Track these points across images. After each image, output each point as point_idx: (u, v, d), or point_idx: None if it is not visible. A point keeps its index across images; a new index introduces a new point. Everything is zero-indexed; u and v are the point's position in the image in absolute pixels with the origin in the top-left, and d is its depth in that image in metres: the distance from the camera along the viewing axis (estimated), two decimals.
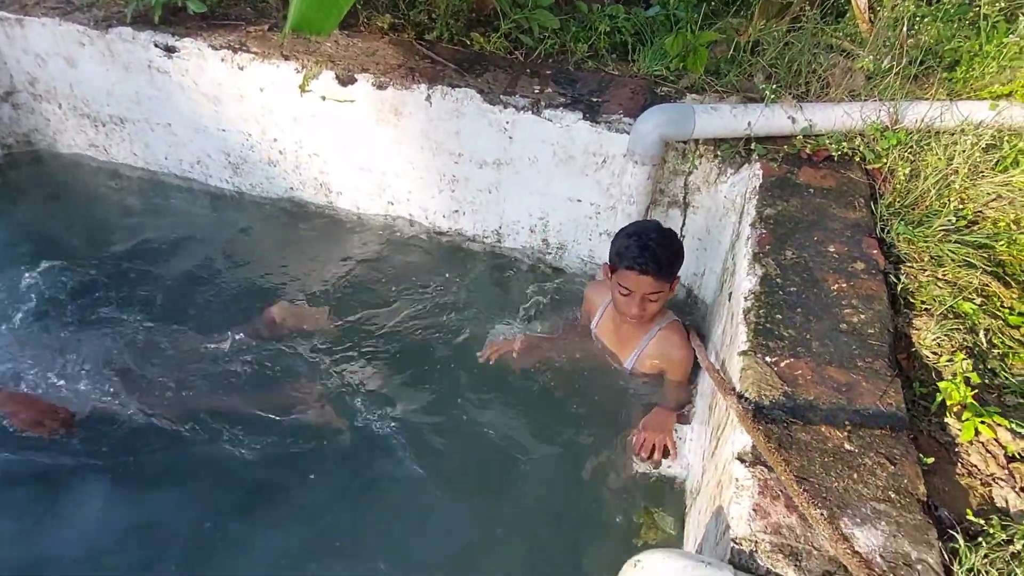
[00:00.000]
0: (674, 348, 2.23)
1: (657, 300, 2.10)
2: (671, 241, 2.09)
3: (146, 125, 3.06)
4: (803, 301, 1.74)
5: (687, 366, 2.25)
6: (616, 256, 2.09)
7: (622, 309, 2.13)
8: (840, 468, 1.35)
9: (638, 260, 2.01)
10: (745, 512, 1.28)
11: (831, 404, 1.48)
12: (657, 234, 2.08)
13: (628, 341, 2.30)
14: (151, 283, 2.82)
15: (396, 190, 2.89)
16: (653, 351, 2.27)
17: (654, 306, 2.11)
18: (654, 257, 2.01)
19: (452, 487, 2.19)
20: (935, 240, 1.99)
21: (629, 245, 2.05)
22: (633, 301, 2.08)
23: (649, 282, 2.03)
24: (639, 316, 2.11)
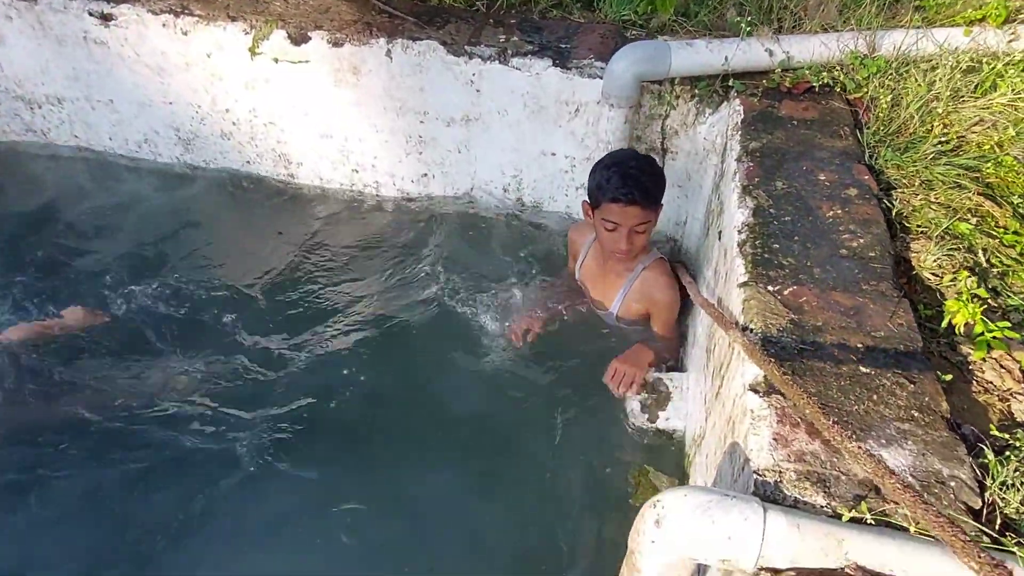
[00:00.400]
0: (659, 289, 2.15)
1: (645, 231, 2.01)
2: (652, 166, 2.01)
3: (86, 104, 2.85)
4: (799, 229, 1.66)
5: (673, 308, 2.17)
6: (596, 190, 2.00)
7: (609, 246, 2.04)
8: (858, 391, 1.28)
9: (622, 191, 1.91)
10: (765, 442, 1.20)
11: (840, 328, 1.41)
12: (636, 161, 1.99)
13: (613, 283, 2.21)
14: (101, 271, 2.65)
15: (360, 157, 2.74)
16: (638, 292, 2.18)
17: (642, 238, 2.03)
18: (638, 185, 1.92)
19: (437, 455, 2.09)
20: (923, 164, 1.94)
21: (609, 177, 1.95)
22: (620, 236, 1.99)
23: (636, 212, 1.94)
24: (628, 251, 2.02)
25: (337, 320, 2.51)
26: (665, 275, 2.16)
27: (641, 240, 2.05)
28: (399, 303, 2.56)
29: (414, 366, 2.37)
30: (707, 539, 1.06)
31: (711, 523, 1.06)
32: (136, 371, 2.32)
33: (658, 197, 2.01)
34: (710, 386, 1.74)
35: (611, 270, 2.22)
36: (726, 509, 1.07)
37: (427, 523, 1.92)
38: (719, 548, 1.06)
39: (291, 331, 2.43)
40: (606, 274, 2.24)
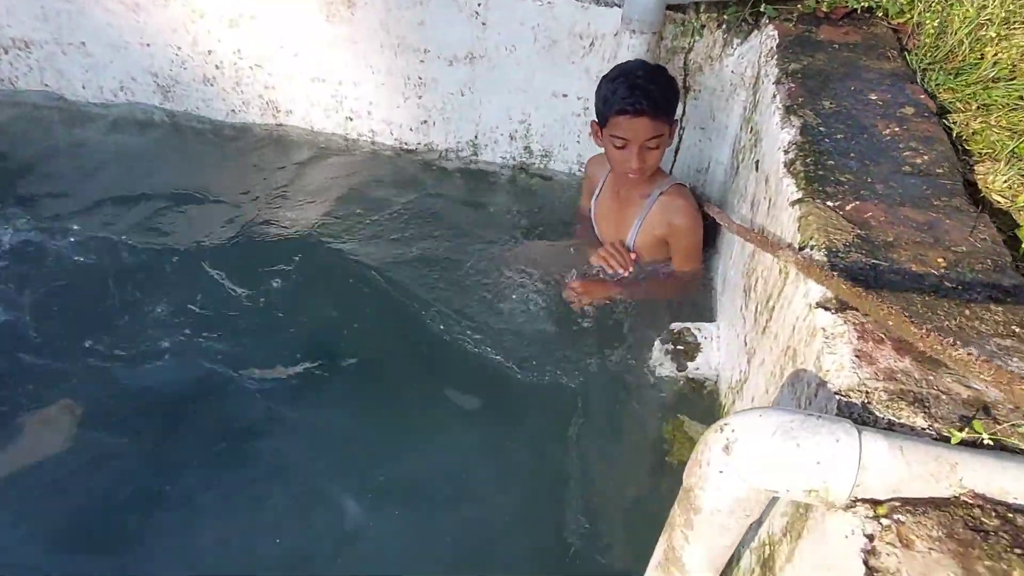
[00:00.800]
0: (677, 213, 1.95)
1: (657, 147, 1.83)
2: (661, 74, 1.84)
3: (57, 47, 2.63)
4: (854, 147, 1.48)
5: (694, 233, 1.98)
6: (602, 105, 1.83)
7: (620, 166, 1.86)
8: (947, 307, 1.10)
9: (628, 101, 1.74)
10: (846, 360, 1.01)
11: (915, 243, 1.23)
12: (644, 70, 1.82)
13: (628, 214, 2.02)
14: (75, 226, 2.43)
15: (355, 102, 2.54)
16: (655, 219, 1.98)
17: (655, 155, 1.84)
18: (646, 94, 1.75)
19: (448, 416, 1.89)
20: (980, 88, 1.77)
21: (615, 88, 1.78)
22: (631, 153, 1.81)
23: (645, 124, 1.76)
24: (640, 170, 1.84)
25: (332, 278, 2.30)
26: (683, 198, 1.96)
27: (654, 157, 1.87)
28: (398, 259, 2.35)
29: (416, 325, 2.17)
30: (790, 465, 0.87)
31: (795, 446, 0.87)
32: (120, 322, 2.12)
33: (669, 109, 1.83)
34: (752, 325, 1.55)
35: (627, 200, 2.03)
36: (812, 430, 0.88)
37: (440, 489, 1.72)
38: (805, 476, 0.87)
39: (284, 287, 2.23)
40: (622, 206, 2.06)
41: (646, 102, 1.76)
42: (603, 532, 1.62)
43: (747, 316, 1.62)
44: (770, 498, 0.94)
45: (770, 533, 1.18)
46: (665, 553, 1.14)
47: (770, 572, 1.14)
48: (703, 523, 1.00)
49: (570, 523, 1.65)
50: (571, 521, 1.65)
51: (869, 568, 0.81)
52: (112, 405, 1.92)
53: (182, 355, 2.05)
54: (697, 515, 1.00)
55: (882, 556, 0.81)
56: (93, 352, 2.06)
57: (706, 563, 1.08)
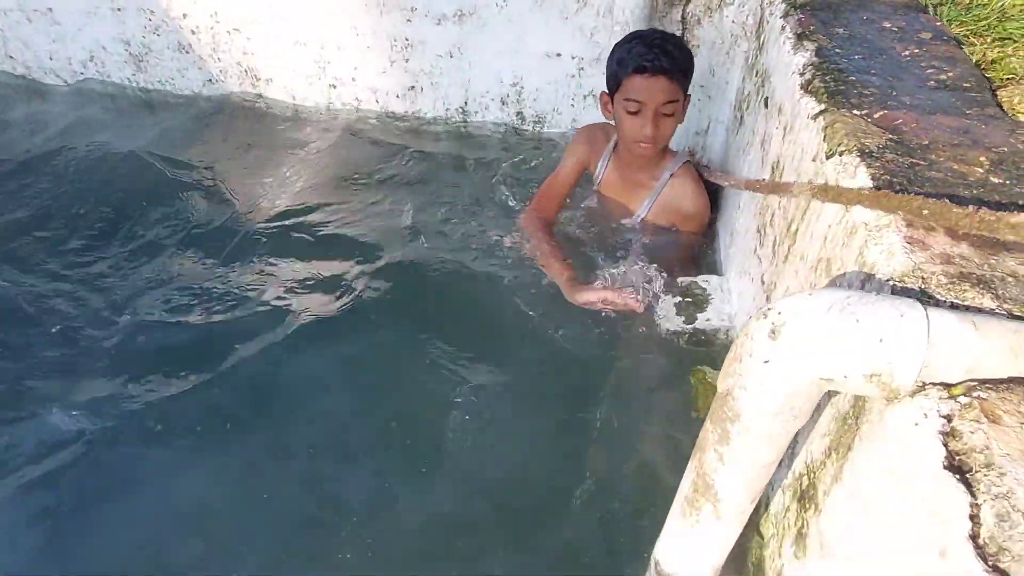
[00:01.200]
0: (687, 198, 1.88)
1: (672, 115, 1.73)
2: (678, 39, 1.77)
3: (22, 16, 2.51)
4: (874, 66, 1.39)
5: (704, 217, 1.92)
6: (617, 67, 1.73)
7: (632, 134, 1.76)
8: (998, 198, 0.99)
9: (647, 57, 1.65)
10: (896, 247, 0.90)
11: (954, 145, 1.13)
12: (662, 34, 1.75)
13: (637, 193, 1.93)
14: (48, 212, 2.28)
15: (338, 68, 2.43)
16: (666, 201, 1.90)
17: (669, 124, 1.75)
18: (665, 52, 1.66)
19: (453, 392, 1.74)
20: (994, 20, 1.70)
21: (631, 48, 1.70)
22: (645, 118, 1.71)
23: (663, 85, 1.67)
24: (653, 139, 1.74)
25: (318, 255, 2.17)
26: (694, 182, 1.89)
27: (668, 126, 1.77)
28: (387, 236, 2.22)
29: (412, 300, 2.02)
30: (849, 345, 0.76)
31: (854, 322, 0.76)
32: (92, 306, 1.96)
33: (687, 72, 1.74)
34: (771, 260, 1.45)
35: (634, 181, 1.94)
36: (872, 305, 0.77)
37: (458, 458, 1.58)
38: (866, 357, 0.75)
39: (267, 267, 2.08)
40: (630, 187, 1.96)
41: (665, 59, 1.67)
42: (620, 497, 1.49)
43: (763, 255, 1.52)
44: (822, 392, 0.82)
45: (808, 462, 1.06)
46: (694, 483, 1.02)
47: (812, 503, 1.02)
48: (743, 433, 0.88)
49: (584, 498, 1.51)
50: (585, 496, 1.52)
51: (950, 452, 0.69)
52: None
53: (165, 332, 1.91)
54: (735, 424, 0.88)
55: (965, 436, 0.69)
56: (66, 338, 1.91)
57: (743, 488, 0.95)
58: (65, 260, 2.14)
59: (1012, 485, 0.64)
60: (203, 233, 2.21)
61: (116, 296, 2.00)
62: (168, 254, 2.18)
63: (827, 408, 1.01)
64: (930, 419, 0.73)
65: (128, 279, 2.10)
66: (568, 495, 1.47)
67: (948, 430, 0.71)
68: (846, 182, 1.07)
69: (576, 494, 1.48)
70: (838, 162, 1.13)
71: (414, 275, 2.06)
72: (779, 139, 1.49)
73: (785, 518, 1.13)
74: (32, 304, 2.01)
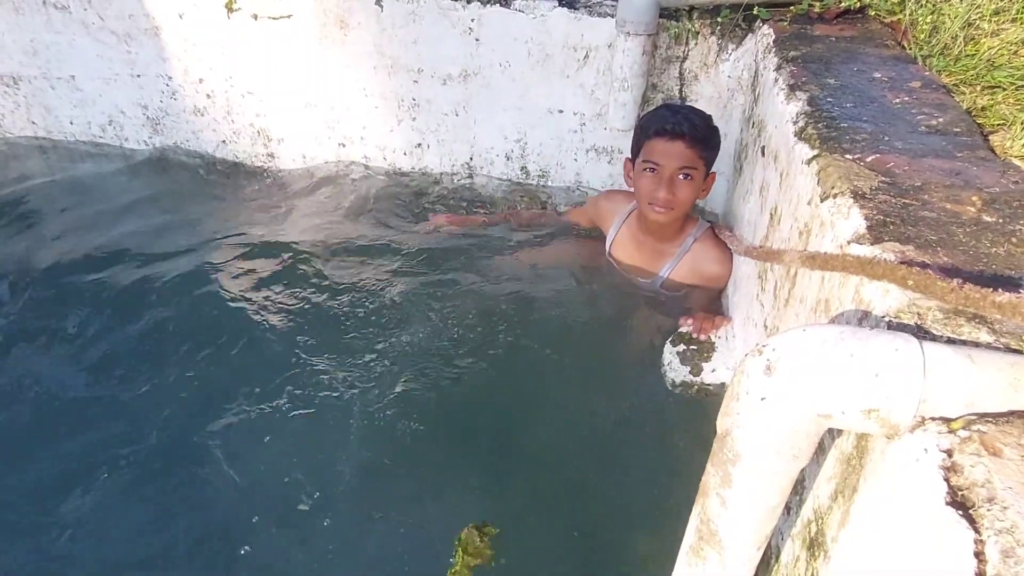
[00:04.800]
0: (712, 261, 1.89)
1: (691, 180, 1.76)
2: (705, 114, 1.81)
3: (45, 82, 2.62)
4: (865, 114, 1.42)
5: (724, 280, 1.91)
6: (640, 132, 1.80)
7: (648, 196, 1.78)
8: (991, 236, 1.00)
9: (669, 121, 1.71)
10: (893, 283, 0.90)
11: (946, 186, 1.14)
12: (688, 106, 1.82)
13: (657, 259, 1.94)
14: (69, 271, 2.33)
15: (348, 127, 2.51)
16: (690, 265, 1.91)
17: (686, 189, 1.77)
18: (687, 119, 1.72)
19: (447, 443, 1.73)
20: (982, 70, 1.74)
21: (656, 113, 1.78)
22: (661, 181, 1.74)
23: (680, 150, 1.71)
24: (667, 202, 1.76)
25: (328, 312, 2.18)
26: (719, 246, 1.90)
27: (685, 192, 1.78)
28: (397, 286, 2.24)
29: (420, 351, 2.03)
30: (844, 379, 0.75)
31: (848, 356, 0.76)
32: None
33: (708, 144, 1.78)
34: (772, 304, 1.45)
35: (653, 248, 1.95)
36: (866, 339, 0.77)
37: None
38: (862, 392, 0.75)
39: (278, 322, 2.10)
40: (648, 252, 1.97)
41: (686, 125, 1.72)
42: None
43: (765, 300, 1.52)
44: (822, 430, 0.81)
45: (816, 507, 1.04)
46: (698, 531, 0.99)
47: (820, 550, 0.99)
48: (744, 475, 0.87)
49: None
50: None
51: (952, 488, 0.68)
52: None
53: (171, 394, 1.92)
54: (736, 465, 0.87)
55: (966, 470, 0.68)
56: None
57: (748, 533, 0.93)
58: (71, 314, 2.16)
59: (1016, 519, 0.62)
60: (213, 289, 2.23)
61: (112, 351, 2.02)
62: (175, 310, 2.20)
63: (831, 450, 1.00)
64: (930, 454, 0.72)
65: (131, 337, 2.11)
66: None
67: (949, 465, 0.70)
68: (840, 224, 1.09)
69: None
70: (832, 204, 1.14)
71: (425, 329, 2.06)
72: (776, 186, 1.51)
73: (795, 568, 1.10)
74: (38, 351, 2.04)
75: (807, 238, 1.25)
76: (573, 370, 1.83)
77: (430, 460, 1.68)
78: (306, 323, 2.08)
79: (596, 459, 1.66)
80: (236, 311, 2.15)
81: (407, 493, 1.61)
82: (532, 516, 1.55)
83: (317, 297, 2.18)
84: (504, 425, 1.76)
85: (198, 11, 2.33)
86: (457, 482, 1.63)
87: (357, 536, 1.51)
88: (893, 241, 0.98)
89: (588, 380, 1.79)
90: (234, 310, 2.16)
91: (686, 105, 1.86)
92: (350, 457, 1.71)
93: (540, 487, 1.61)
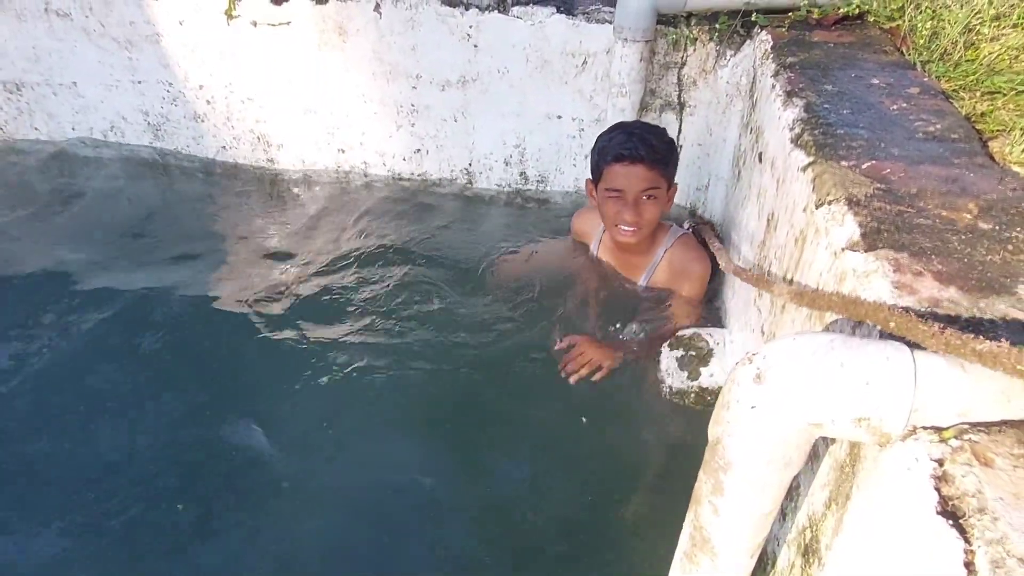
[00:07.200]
0: (688, 261, 1.90)
1: (655, 200, 1.76)
2: (659, 130, 1.80)
3: (47, 89, 2.63)
4: (862, 120, 1.42)
5: (705, 280, 1.92)
6: (598, 156, 1.78)
7: (614, 220, 1.78)
8: (987, 243, 1.00)
9: (625, 146, 1.70)
10: (884, 293, 0.90)
11: (942, 193, 1.14)
12: (642, 124, 1.82)
13: (633, 272, 1.95)
14: (71, 278, 2.34)
15: (347, 133, 2.51)
16: (666, 269, 1.92)
17: (652, 210, 1.77)
18: (643, 140, 1.70)
19: (437, 450, 1.73)
20: (982, 76, 1.73)
21: (612, 137, 1.75)
22: (626, 205, 1.74)
23: (641, 173, 1.70)
24: (636, 223, 1.76)
25: (328, 313, 2.18)
26: (693, 249, 1.91)
27: (651, 212, 1.78)
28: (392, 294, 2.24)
29: (415, 353, 2.03)
30: (834, 388, 0.75)
31: (839, 365, 0.75)
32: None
33: (667, 162, 1.77)
34: (769, 310, 1.44)
35: (627, 262, 1.97)
36: (857, 348, 0.76)
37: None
38: (853, 401, 0.74)
39: (275, 326, 2.10)
40: (624, 266, 1.99)
41: (643, 148, 1.71)
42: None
43: (762, 306, 1.51)
44: (813, 438, 0.80)
45: (810, 513, 1.03)
46: (691, 537, 0.99)
47: (815, 556, 0.99)
48: (736, 483, 0.86)
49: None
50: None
51: (943, 497, 0.68)
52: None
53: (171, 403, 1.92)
54: (728, 473, 0.86)
55: (957, 480, 0.68)
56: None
57: (741, 540, 0.93)
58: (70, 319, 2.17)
59: (1006, 530, 0.62)
60: (213, 294, 2.23)
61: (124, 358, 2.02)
62: (177, 314, 2.20)
63: (825, 457, 0.99)
64: (921, 463, 0.71)
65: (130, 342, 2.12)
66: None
67: (940, 474, 0.69)
68: (834, 232, 1.08)
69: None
70: (827, 211, 1.14)
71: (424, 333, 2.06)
72: (773, 192, 1.51)
73: (791, 574, 1.09)
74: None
75: (802, 245, 1.24)
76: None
77: (422, 459, 1.68)
78: (305, 327, 2.08)
79: (592, 451, 1.66)
80: (235, 316, 2.16)
81: (411, 494, 1.61)
82: (527, 506, 1.56)
83: (315, 301, 2.18)
84: (500, 416, 1.77)
85: (198, 17, 2.34)
86: (454, 479, 1.64)
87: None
88: (887, 248, 0.98)
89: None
90: (233, 315, 2.17)
91: (639, 123, 1.84)
92: (354, 451, 1.71)
93: (538, 475, 1.62)
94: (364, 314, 2.14)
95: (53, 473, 1.75)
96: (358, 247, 2.42)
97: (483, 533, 1.54)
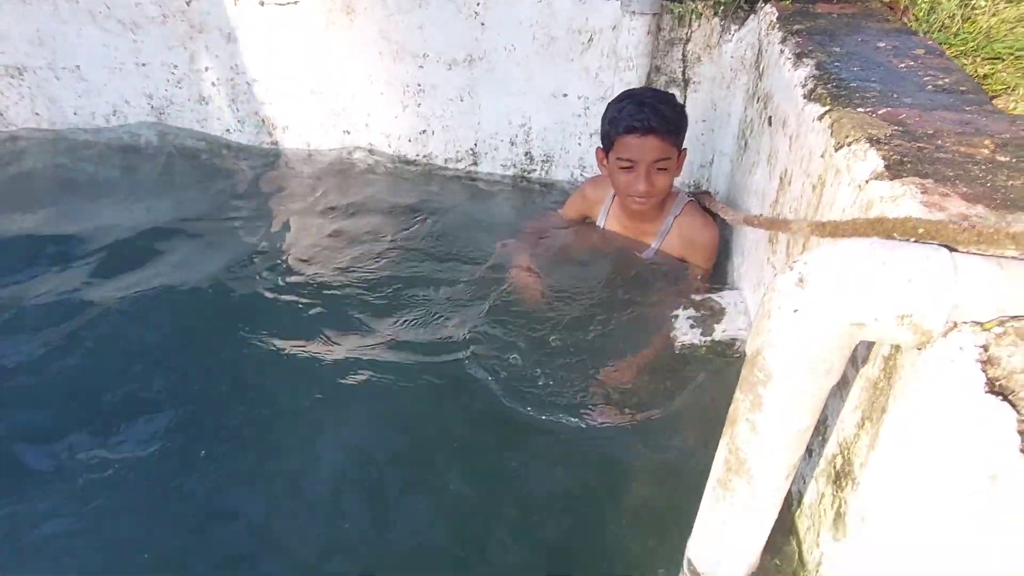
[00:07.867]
0: (695, 230, 1.92)
1: (667, 170, 1.78)
2: (670, 97, 1.82)
3: (50, 73, 2.62)
4: (873, 76, 1.45)
5: (715, 245, 1.95)
6: (609, 126, 1.79)
7: (626, 190, 1.80)
8: (1007, 172, 1.03)
9: (637, 117, 1.71)
10: (916, 211, 0.92)
11: (958, 133, 1.17)
12: (654, 92, 1.83)
13: (643, 238, 1.98)
14: (78, 265, 2.32)
15: (353, 115, 2.52)
16: (675, 238, 1.94)
17: (663, 179, 1.79)
18: (655, 111, 1.72)
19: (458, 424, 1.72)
20: (981, 42, 1.78)
21: (623, 107, 1.76)
22: (639, 175, 1.76)
23: (654, 144, 1.72)
24: (647, 193, 1.78)
25: (331, 300, 2.17)
26: (701, 215, 1.94)
27: (663, 181, 1.81)
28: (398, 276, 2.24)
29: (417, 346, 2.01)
30: (877, 287, 0.77)
31: (881, 264, 0.78)
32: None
33: (679, 131, 1.80)
34: (784, 264, 1.46)
35: (638, 229, 1.99)
36: (897, 249, 0.79)
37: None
38: (895, 298, 0.76)
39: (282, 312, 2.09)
40: (634, 233, 2.01)
41: (656, 119, 1.72)
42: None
43: (776, 262, 1.54)
44: (855, 342, 0.82)
45: (840, 440, 1.05)
46: (726, 462, 1.00)
47: (848, 480, 1.01)
48: (775, 395, 0.88)
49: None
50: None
51: (990, 379, 0.70)
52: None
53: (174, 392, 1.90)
54: (767, 386, 0.88)
55: (1003, 361, 0.70)
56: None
57: (778, 459, 0.94)
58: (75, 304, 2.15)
59: None
60: (218, 278, 2.22)
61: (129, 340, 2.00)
62: (182, 298, 2.19)
63: (856, 380, 1.01)
64: (966, 351, 0.73)
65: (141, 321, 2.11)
66: (598, 506, 1.44)
67: (986, 359, 0.71)
68: (857, 168, 1.11)
69: (605, 504, 1.45)
70: (847, 152, 1.17)
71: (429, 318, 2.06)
72: (786, 150, 1.54)
73: (820, 505, 1.11)
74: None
75: (820, 190, 1.27)
76: (586, 341, 1.84)
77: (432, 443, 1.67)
78: (311, 309, 2.08)
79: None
80: (237, 299, 2.15)
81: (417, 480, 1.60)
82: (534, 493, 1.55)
83: (319, 284, 2.17)
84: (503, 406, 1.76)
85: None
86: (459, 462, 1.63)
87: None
88: (913, 176, 1.00)
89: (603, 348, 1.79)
90: (235, 298, 2.16)
91: (650, 90, 1.85)
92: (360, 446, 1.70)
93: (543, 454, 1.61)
94: (367, 298, 2.13)
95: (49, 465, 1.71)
96: (362, 229, 2.42)
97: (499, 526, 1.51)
